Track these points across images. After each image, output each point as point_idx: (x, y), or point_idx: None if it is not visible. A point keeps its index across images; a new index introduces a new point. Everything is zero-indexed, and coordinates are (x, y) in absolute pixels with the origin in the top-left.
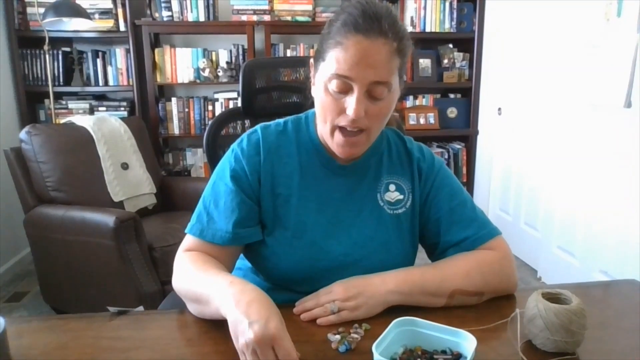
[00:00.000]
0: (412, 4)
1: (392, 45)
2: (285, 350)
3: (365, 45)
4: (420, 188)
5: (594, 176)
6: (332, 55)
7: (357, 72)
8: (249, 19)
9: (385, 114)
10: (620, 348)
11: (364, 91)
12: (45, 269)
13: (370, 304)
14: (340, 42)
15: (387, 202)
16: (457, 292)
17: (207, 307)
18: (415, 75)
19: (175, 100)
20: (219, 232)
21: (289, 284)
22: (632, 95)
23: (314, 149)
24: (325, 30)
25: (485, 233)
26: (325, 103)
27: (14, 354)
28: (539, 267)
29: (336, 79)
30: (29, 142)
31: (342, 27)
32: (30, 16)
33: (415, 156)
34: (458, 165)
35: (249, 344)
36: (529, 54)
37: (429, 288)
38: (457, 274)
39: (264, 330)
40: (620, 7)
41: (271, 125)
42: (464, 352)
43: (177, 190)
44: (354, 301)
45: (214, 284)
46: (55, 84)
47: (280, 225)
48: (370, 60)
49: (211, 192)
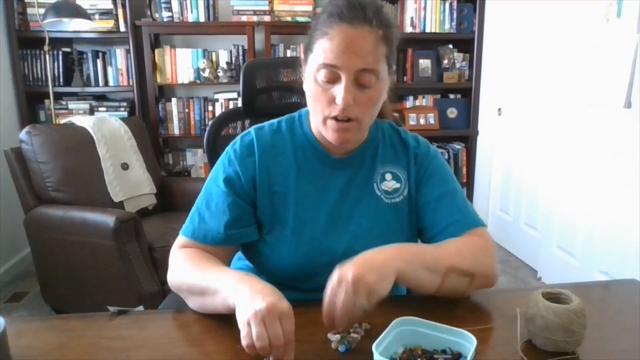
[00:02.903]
0: (412, 4)
1: (377, 33)
2: (290, 328)
3: (350, 34)
4: (415, 172)
5: (594, 176)
6: (319, 45)
7: (344, 61)
8: (249, 20)
9: (374, 102)
10: (620, 348)
11: (352, 79)
12: (45, 269)
13: (384, 275)
14: (326, 32)
15: (384, 191)
16: (451, 270)
17: (213, 299)
18: (415, 76)
19: (175, 101)
20: (210, 233)
21: (292, 281)
22: (632, 95)
23: (309, 145)
24: (313, 23)
25: (472, 221)
26: (315, 94)
27: (14, 354)
28: (539, 267)
29: (324, 69)
30: (29, 142)
31: (327, 18)
32: (30, 17)
33: (410, 145)
34: (458, 165)
35: (260, 312)
36: (529, 54)
37: (427, 261)
38: (452, 251)
39: (278, 302)
40: (620, 7)
41: (265, 126)
42: (464, 352)
43: (177, 190)
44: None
45: (223, 276)
46: (55, 85)
47: (279, 223)
48: (356, 48)
49: (204, 194)
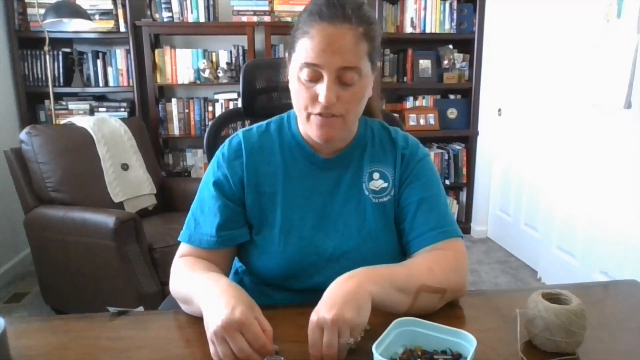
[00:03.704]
0: (412, 4)
1: (357, 30)
2: (253, 335)
3: (330, 32)
4: (399, 172)
5: (594, 177)
6: (301, 45)
7: (325, 59)
8: (249, 20)
9: (358, 99)
10: (620, 348)
11: (334, 77)
12: (45, 269)
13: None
14: (307, 31)
15: (371, 190)
16: (422, 289)
17: (193, 306)
18: (415, 76)
19: (175, 101)
20: (205, 237)
21: (281, 281)
22: (632, 96)
23: (297, 146)
24: (295, 22)
25: (448, 231)
26: (299, 92)
27: (14, 354)
28: (539, 267)
29: (306, 68)
30: (29, 142)
31: (308, 17)
32: (30, 17)
33: (399, 144)
34: (458, 166)
35: (217, 331)
36: (529, 54)
37: (398, 282)
38: (421, 269)
39: (230, 317)
40: (620, 7)
41: (253, 128)
42: (464, 352)
43: (177, 191)
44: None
45: (197, 282)
46: (55, 85)
47: (268, 223)
48: (337, 46)
49: (198, 199)
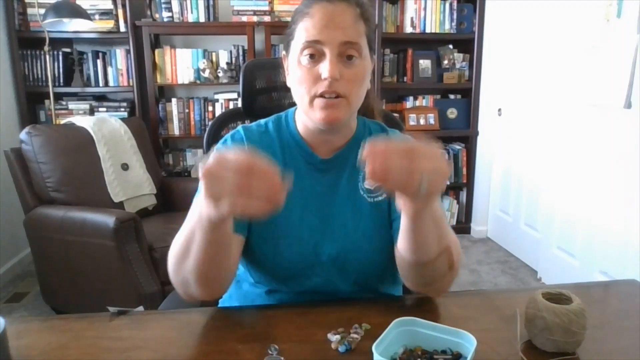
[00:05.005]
0: (412, 4)
1: (355, 9)
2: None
3: (330, 9)
4: None
5: (594, 177)
6: (301, 27)
7: (327, 35)
8: (249, 20)
9: (360, 79)
10: (620, 348)
11: (336, 53)
12: (45, 269)
13: None
14: (306, 12)
15: (366, 190)
16: (447, 250)
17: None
18: (415, 76)
19: (175, 101)
20: None
21: (280, 283)
22: (632, 96)
23: (295, 145)
24: (291, 18)
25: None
26: (301, 77)
27: (14, 354)
28: (539, 267)
29: (307, 48)
30: (29, 142)
31: (305, 1)
32: (30, 17)
33: None
34: (458, 166)
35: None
36: (529, 54)
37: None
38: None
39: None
40: (620, 7)
41: (252, 126)
42: (464, 352)
43: (177, 190)
44: None
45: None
46: (55, 85)
47: (266, 224)
48: (337, 21)
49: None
